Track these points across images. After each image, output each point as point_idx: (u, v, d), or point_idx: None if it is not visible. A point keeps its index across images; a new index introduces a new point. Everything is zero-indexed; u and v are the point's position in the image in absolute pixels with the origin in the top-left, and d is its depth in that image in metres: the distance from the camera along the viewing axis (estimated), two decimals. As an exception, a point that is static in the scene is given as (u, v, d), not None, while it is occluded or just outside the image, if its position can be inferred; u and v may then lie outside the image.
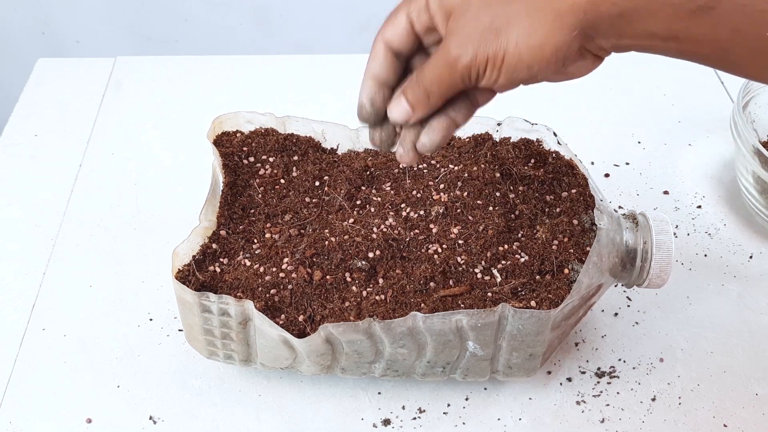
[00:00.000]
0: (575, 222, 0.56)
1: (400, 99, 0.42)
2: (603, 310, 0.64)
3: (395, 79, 0.43)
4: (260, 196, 0.58)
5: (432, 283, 0.52)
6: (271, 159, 0.61)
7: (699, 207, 0.74)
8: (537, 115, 0.65)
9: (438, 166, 0.60)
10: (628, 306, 0.65)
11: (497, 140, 0.62)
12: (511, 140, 0.61)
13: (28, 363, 0.60)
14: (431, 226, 0.55)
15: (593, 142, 0.80)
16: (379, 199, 0.57)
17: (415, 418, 0.57)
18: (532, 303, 0.51)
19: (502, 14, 0.38)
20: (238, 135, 0.62)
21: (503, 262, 0.53)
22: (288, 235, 0.55)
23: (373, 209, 0.57)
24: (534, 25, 0.37)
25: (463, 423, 0.57)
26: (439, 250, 0.54)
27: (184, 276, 0.53)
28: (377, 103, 0.43)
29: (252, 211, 0.57)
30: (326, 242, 0.54)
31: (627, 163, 0.78)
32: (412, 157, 0.44)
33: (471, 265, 0.53)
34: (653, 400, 0.58)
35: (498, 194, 0.57)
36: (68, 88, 0.87)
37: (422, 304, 0.51)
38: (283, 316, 0.51)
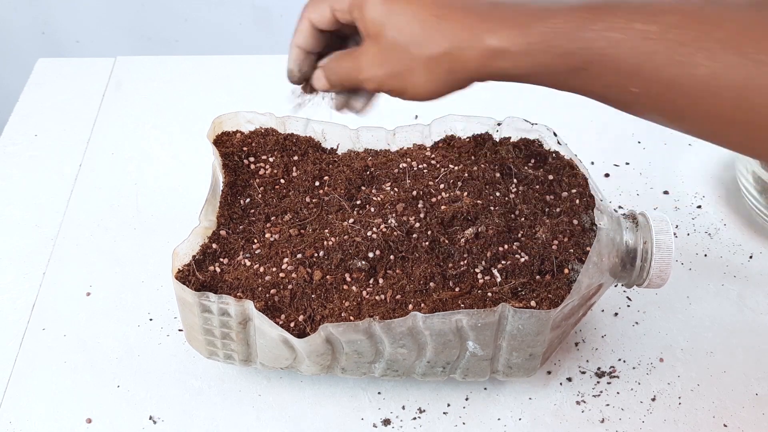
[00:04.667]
0: (575, 222, 0.56)
1: (320, 74, 0.50)
2: (603, 310, 0.64)
3: (320, 48, 0.50)
4: (260, 196, 0.58)
5: (432, 283, 0.52)
6: (271, 159, 0.61)
7: (699, 207, 0.74)
8: (537, 115, 0.65)
9: (438, 166, 0.60)
10: (628, 306, 0.65)
11: (497, 140, 0.62)
12: (511, 140, 0.62)
13: (28, 363, 0.60)
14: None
15: (593, 142, 0.80)
16: (379, 199, 0.57)
17: (415, 418, 0.57)
18: (532, 303, 0.51)
19: (405, 62, 0.44)
20: (238, 135, 0.62)
21: (503, 262, 0.53)
22: (288, 235, 0.55)
23: (373, 209, 0.57)
24: (430, 77, 0.44)
25: (463, 423, 0.57)
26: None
27: (184, 276, 0.53)
28: (304, 69, 0.50)
29: (252, 211, 0.58)
30: (326, 242, 0.54)
31: (627, 163, 0.78)
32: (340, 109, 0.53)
33: (471, 265, 0.53)
34: (653, 400, 0.58)
35: (498, 194, 0.57)
36: (68, 88, 0.87)
37: (422, 304, 0.51)
38: (283, 316, 0.51)
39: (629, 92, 0.40)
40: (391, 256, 0.54)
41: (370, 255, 0.53)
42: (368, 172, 0.60)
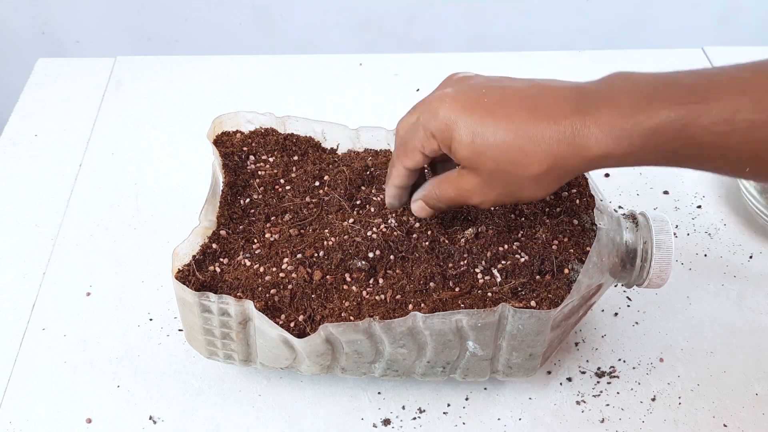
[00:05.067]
0: (575, 222, 0.56)
1: (423, 204, 0.52)
2: (603, 310, 0.64)
3: (413, 182, 0.53)
4: (260, 196, 0.58)
5: (432, 283, 0.52)
6: (271, 159, 0.61)
7: (699, 207, 0.74)
8: (537, 115, 0.65)
9: (438, 166, 0.60)
10: (628, 306, 0.65)
11: (497, 140, 0.62)
12: (511, 140, 0.61)
13: (28, 363, 0.60)
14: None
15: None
16: (379, 198, 0.57)
17: (415, 418, 0.57)
18: (532, 303, 0.51)
19: (513, 183, 0.45)
20: (238, 135, 0.62)
21: (503, 262, 0.53)
22: (288, 235, 0.55)
23: (373, 209, 0.57)
24: (542, 186, 0.45)
25: (463, 423, 0.57)
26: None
27: (184, 276, 0.53)
28: (403, 200, 0.54)
29: (252, 211, 0.58)
30: (326, 242, 0.54)
31: (627, 163, 0.78)
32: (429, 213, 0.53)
33: (471, 265, 0.53)
34: (653, 400, 0.58)
35: (498, 194, 0.57)
36: (68, 88, 0.87)
37: (422, 304, 0.51)
38: (283, 316, 0.51)
39: (743, 172, 0.40)
40: (391, 256, 0.54)
41: (370, 255, 0.53)
42: (368, 172, 0.60)
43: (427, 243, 0.54)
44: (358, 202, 0.58)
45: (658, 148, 0.40)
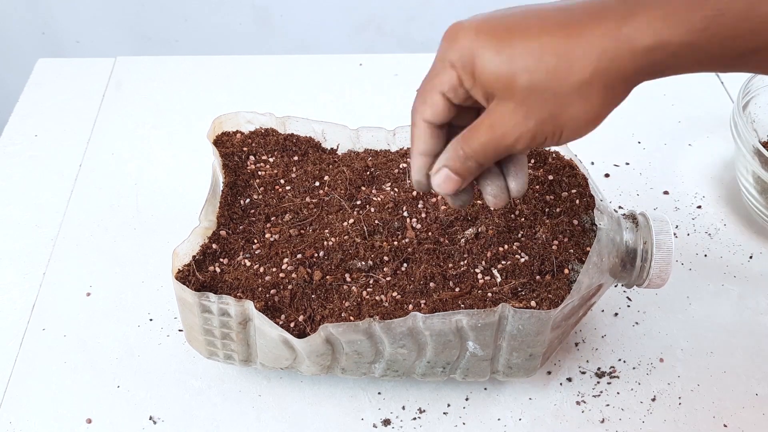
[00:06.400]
0: (575, 222, 0.56)
1: (447, 174, 0.43)
2: (603, 310, 0.64)
3: (443, 148, 0.44)
4: (260, 196, 0.58)
5: (432, 284, 0.52)
6: (271, 159, 0.61)
7: (699, 207, 0.74)
8: (537, 115, 0.65)
9: (438, 166, 0.60)
10: (628, 306, 0.65)
11: (497, 140, 0.62)
12: (511, 140, 0.61)
13: (28, 363, 0.60)
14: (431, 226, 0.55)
15: (593, 142, 0.80)
16: (379, 199, 0.57)
17: (415, 418, 0.57)
18: (532, 303, 0.51)
19: (553, 100, 0.38)
20: (238, 135, 0.62)
21: (503, 262, 0.53)
22: (288, 235, 0.55)
23: (373, 209, 0.57)
24: (588, 102, 0.38)
25: (463, 423, 0.57)
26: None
27: (184, 276, 0.53)
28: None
29: (252, 211, 0.58)
30: (326, 242, 0.54)
31: (627, 163, 0.78)
32: (504, 200, 0.45)
33: (471, 265, 0.53)
34: (653, 400, 0.58)
35: (498, 194, 0.57)
36: (68, 88, 0.87)
37: (422, 304, 0.51)
38: (283, 316, 0.51)
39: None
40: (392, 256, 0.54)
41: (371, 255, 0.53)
42: (368, 173, 0.60)
43: (427, 244, 0.54)
44: (358, 203, 0.58)
45: (719, 36, 0.35)
